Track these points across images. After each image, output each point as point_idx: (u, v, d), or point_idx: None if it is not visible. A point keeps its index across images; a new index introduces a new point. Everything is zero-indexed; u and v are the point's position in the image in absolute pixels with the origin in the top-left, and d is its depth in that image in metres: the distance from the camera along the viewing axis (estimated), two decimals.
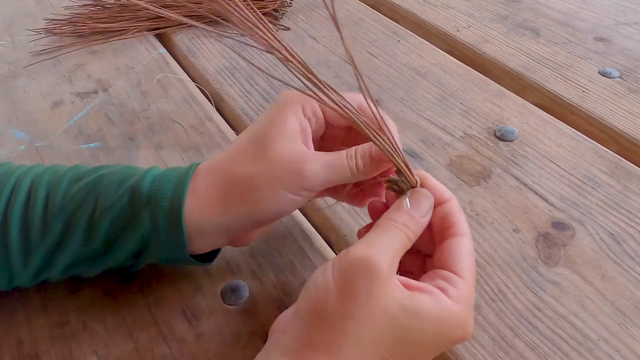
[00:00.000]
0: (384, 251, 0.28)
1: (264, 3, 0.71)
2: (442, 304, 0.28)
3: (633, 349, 0.35)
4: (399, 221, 0.30)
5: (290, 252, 0.42)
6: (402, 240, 0.29)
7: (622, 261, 0.40)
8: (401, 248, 0.29)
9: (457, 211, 0.32)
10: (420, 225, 0.31)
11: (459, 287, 0.29)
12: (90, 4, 0.74)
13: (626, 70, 0.58)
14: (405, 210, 0.31)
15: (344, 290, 0.27)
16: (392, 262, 0.28)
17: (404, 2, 0.74)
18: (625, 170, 0.47)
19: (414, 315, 0.27)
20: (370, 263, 0.27)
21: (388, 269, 0.28)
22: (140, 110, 0.57)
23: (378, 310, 0.27)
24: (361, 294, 0.27)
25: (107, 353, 0.36)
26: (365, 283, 0.27)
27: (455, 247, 0.30)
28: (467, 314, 0.29)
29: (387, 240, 0.29)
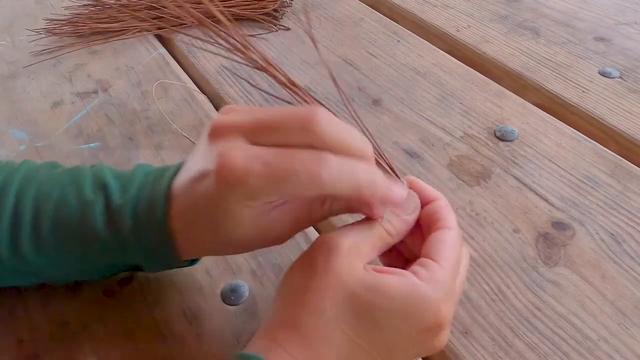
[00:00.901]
0: (350, 234, 0.29)
1: (264, 3, 0.71)
2: (409, 282, 0.28)
3: (633, 349, 0.35)
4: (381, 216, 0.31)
5: (290, 252, 0.42)
6: (378, 232, 0.30)
7: (622, 261, 0.40)
8: (377, 239, 0.30)
9: (444, 208, 0.32)
10: (404, 222, 0.31)
11: (432, 270, 0.29)
12: (90, 4, 0.74)
13: (626, 70, 0.58)
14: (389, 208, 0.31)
15: (305, 266, 0.29)
16: (357, 244, 0.29)
17: (404, 2, 0.74)
18: (625, 170, 0.47)
19: (376, 292, 0.28)
20: (329, 241, 0.29)
21: (349, 249, 0.28)
22: (140, 110, 0.57)
23: (336, 284, 0.27)
24: (319, 268, 0.28)
25: (107, 353, 0.36)
26: (323, 259, 0.28)
27: (437, 237, 0.31)
28: (439, 298, 0.28)
29: (357, 228, 0.30)
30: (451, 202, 0.45)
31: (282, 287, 0.30)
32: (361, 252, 0.29)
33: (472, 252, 0.41)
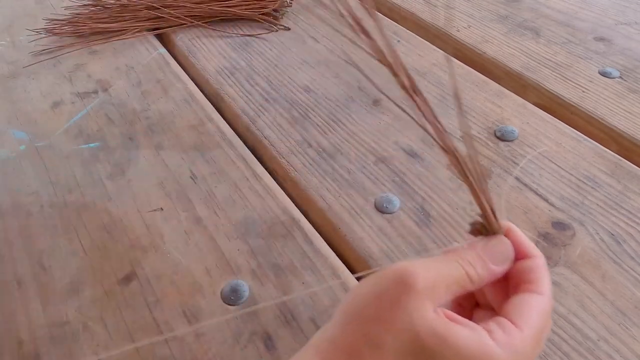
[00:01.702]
0: (428, 271, 0.26)
1: (264, 3, 0.71)
2: (481, 341, 0.25)
3: (633, 349, 0.35)
4: (464, 257, 0.28)
5: (290, 252, 0.42)
6: (458, 274, 0.27)
7: (622, 261, 0.40)
8: (455, 282, 0.27)
9: (541, 270, 0.29)
10: (489, 271, 0.28)
11: (510, 334, 0.26)
12: (90, 4, 0.74)
13: (626, 70, 0.58)
14: (476, 250, 0.28)
15: (376, 294, 0.26)
16: (434, 285, 0.26)
17: (404, 2, 0.74)
18: (625, 170, 0.47)
19: (443, 342, 0.25)
20: (405, 274, 0.26)
21: (424, 288, 0.26)
22: (140, 110, 0.57)
23: (403, 322, 0.25)
24: (389, 301, 0.26)
25: (107, 353, 0.36)
26: (396, 292, 0.26)
27: (525, 301, 0.27)
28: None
29: (440, 267, 0.27)
30: (451, 202, 0.45)
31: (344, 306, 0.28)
32: (436, 293, 0.26)
33: None
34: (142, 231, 0.45)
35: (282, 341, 0.36)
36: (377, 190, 0.47)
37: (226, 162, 0.51)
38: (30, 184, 0.50)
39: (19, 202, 0.48)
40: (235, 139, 0.54)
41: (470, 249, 0.28)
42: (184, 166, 0.50)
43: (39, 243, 0.44)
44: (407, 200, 0.46)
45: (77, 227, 0.45)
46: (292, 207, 0.46)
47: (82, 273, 0.42)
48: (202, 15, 0.71)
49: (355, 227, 0.44)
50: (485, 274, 0.28)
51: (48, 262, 0.43)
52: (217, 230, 0.44)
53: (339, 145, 0.51)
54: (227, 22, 0.71)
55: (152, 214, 0.46)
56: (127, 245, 0.44)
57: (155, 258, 0.42)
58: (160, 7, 0.70)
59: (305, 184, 0.48)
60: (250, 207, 0.46)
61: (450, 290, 0.27)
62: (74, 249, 0.43)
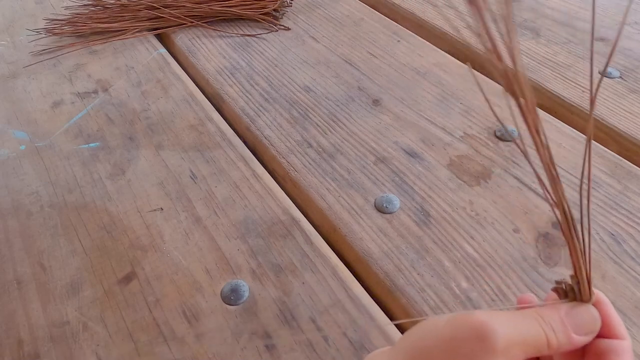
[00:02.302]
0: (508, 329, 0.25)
1: (264, 3, 0.71)
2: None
3: (633, 349, 0.35)
4: (546, 319, 0.26)
5: (290, 252, 0.42)
6: (537, 335, 0.25)
7: (622, 261, 0.40)
8: (531, 343, 0.25)
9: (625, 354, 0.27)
10: (569, 339, 0.26)
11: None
12: (90, 4, 0.74)
13: (626, 70, 0.58)
14: (559, 313, 0.26)
15: (449, 344, 0.25)
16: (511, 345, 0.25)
17: (404, 2, 0.74)
18: (625, 170, 0.47)
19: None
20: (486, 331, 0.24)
21: (503, 347, 0.24)
22: (140, 110, 0.58)
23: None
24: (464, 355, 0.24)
25: (107, 353, 0.36)
26: (473, 348, 0.24)
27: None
28: None
29: (519, 324, 0.25)
30: (451, 202, 0.45)
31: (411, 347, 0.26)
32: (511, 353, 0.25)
33: (473, 252, 0.41)
34: (142, 231, 0.45)
35: (282, 341, 0.36)
36: (377, 190, 0.47)
37: (226, 162, 0.51)
38: (30, 184, 0.50)
39: (19, 202, 0.48)
40: (235, 139, 0.54)
41: (553, 311, 0.27)
42: (183, 166, 0.50)
43: (39, 243, 0.44)
44: (407, 200, 0.46)
45: (77, 227, 0.45)
46: (292, 207, 0.46)
47: (82, 273, 0.42)
48: (202, 15, 0.71)
49: (355, 227, 0.44)
50: (565, 342, 0.26)
51: (48, 262, 0.43)
52: (217, 230, 0.44)
53: (339, 145, 0.51)
54: (227, 22, 0.71)
55: (152, 214, 0.46)
56: (127, 245, 0.44)
57: (155, 258, 0.42)
58: (160, 7, 0.70)
59: (305, 184, 0.48)
60: (250, 207, 0.46)
61: (525, 351, 0.25)
62: (74, 249, 0.43)
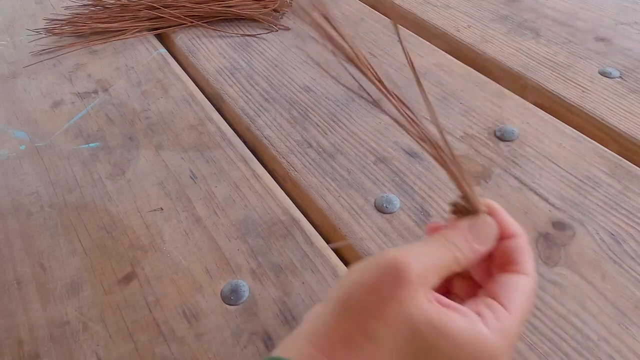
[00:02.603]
0: (419, 259, 0.27)
1: (264, 3, 0.71)
2: (475, 329, 0.26)
3: (633, 349, 0.35)
4: (450, 240, 0.28)
5: (290, 252, 0.42)
6: (447, 259, 0.28)
7: (622, 261, 0.40)
8: (443, 266, 0.28)
9: (524, 249, 0.29)
10: (475, 252, 0.29)
11: (500, 319, 0.27)
12: (90, 4, 0.74)
13: (626, 70, 0.58)
14: (461, 231, 0.29)
15: (370, 286, 0.26)
16: (426, 273, 0.26)
17: (404, 2, 0.74)
18: (625, 170, 0.47)
19: (441, 334, 0.25)
20: (400, 266, 0.26)
21: (418, 278, 0.26)
22: (140, 110, 0.58)
23: (400, 314, 0.25)
24: (385, 294, 0.26)
25: (107, 353, 0.36)
26: (391, 283, 0.26)
27: (511, 282, 0.28)
28: (499, 350, 0.26)
29: (428, 252, 0.28)
30: None
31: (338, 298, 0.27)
32: (428, 280, 0.27)
33: None
34: (142, 231, 0.45)
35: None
36: (377, 190, 0.47)
37: (226, 162, 0.51)
38: (30, 184, 0.50)
39: (19, 202, 0.48)
40: (235, 139, 0.54)
41: (455, 230, 0.29)
42: (183, 166, 0.50)
43: (39, 243, 0.44)
44: (407, 200, 0.46)
45: (77, 227, 0.45)
46: (292, 207, 0.46)
47: (82, 273, 0.42)
48: (202, 15, 0.71)
49: (355, 227, 0.44)
50: (472, 255, 0.29)
51: (48, 262, 0.43)
52: (217, 230, 0.44)
53: (339, 145, 0.51)
54: (227, 22, 0.71)
55: (152, 214, 0.46)
56: (127, 245, 0.44)
57: (155, 258, 0.42)
58: (160, 7, 0.70)
59: (305, 184, 0.48)
60: (250, 207, 0.46)
61: (439, 274, 0.28)
62: (74, 249, 0.43)
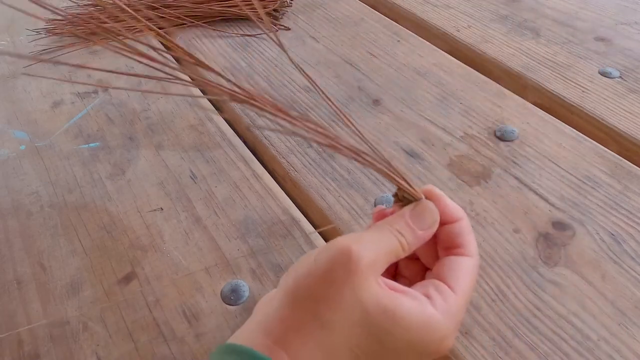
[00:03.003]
0: (369, 247, 0.28)
1: (264, 3, 0.71)
2: (424, 311, 0.27)
3: (633, 349, 0.35)
4: (395, 227, 0.30)
5: (290, 252, 0.42)
6: (393, 245, 0.29)
7: (622, 261, 0.40)
8: (390, 252, 0.29)
9: (467, 232, 0.31)
10: (418, 237, 0.30)
11: (448, 300, 0.28)
12: (90, 4, 0.74)
13: (626, 70, 0.58)
14: (404, 218, 0.30)
15: (323, 275, 0.27)
16: (375, 260, 0.28)
17: (404, 2, 0.74)
18: (625, 170, 0.47)
19: (392, 318, 0.27)
20: (351, 254, 0.27)
21: (368, 265, 0.27)
22: (140, 110, 0.57)
23: (352, 300, 0.26)
24: (336, 281, 0.27)
25: (107, 353, 0.36)
26: (343, 272, 0.27)
27: (456, 264, 0.30)
28: (448, 330, 0.28)
29: (376, 239, 0.29)
30: None
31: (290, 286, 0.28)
32: (377, 266, 0.28)
33: None
34: (142, 231, 0.45)
35: None
36: (377, 190, 0.47)
37: (226, 162, 0.51)
38: (30, 184, 0.50)
39: (19, 202, 0.48)
40: (235, 139, 0.54)
41: (399, 217, 0.30)
42: (184, 166, 0.50)
43: (39, 243, 0.44)
44: None
45: (77, 227, 0.45)
46: (292, 207, 0.46)
47: (82, 273, 0.42)
48: (202, 15, 0.71)
49: (355, 227, 0.44)
50: (414, 241, 0.30)
51: (48, 262, 0.43)
52: (217, 230, 0.44)
53: None
54: (227, 22, 0.71)
55: (152, 214, 0.46)
56: (127, 245, 0.44)
57: (155, 258, 0.42)
58: (160, 7, 0.70)
59: (305, 184, 0.48)
60: (250, 207, 0.46)
61: (387, 260, 0.29)
62: (74, 249, 0.43)
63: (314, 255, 0.28)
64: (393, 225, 0.30)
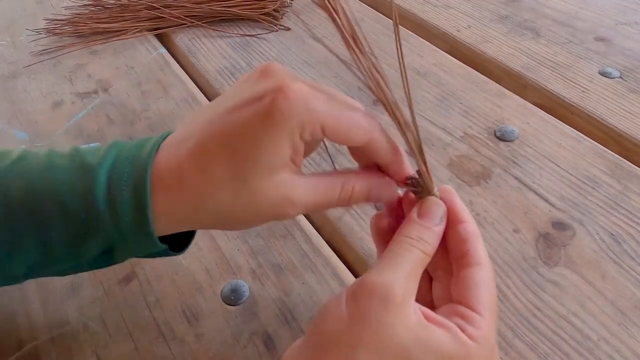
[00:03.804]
0: (398, 274, 0.26)
1: (264, 3, 0.71)
2: (460, 341, 0.26)
3: (633, 349, 0.35)
4: (413, 235, 0.28)
5: (290, 252, 0.42)
6: (418, 258, 0.28)
7: (622, 261, 0.40)
8: (418, 266, 0.28)
9: (473, 237, 0.30)
10: (435, 234, 0.29)
11: (478, 326, 0.27)
12: (90, 4, 0.74)
13: (626, 70, 0.58)
14: (415, 222, 0.29)
15: (355, 317, 0.26)
16: (407, 284, 0.26)
17: (404, 2, 0.74)
18: (625, 170, 0.47)
19: (428, 350, 0.25)
20: (382, 288, 0.26)
21: (402, 295, 0.26)
22: (140, 111, 0.57)
23: (389, 339, 0.25)
24: (372, 321, 0.25)
25: (107, 353, 0.36)
26: (378, 310, 0.25)
27: (471, 279, 0.28)
28: (486, 355, 0.27)
29: (401, 261, 0.27)
30: None
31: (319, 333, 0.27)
32: (411, 290, 0.27)
33: None
34: None
35: (282, 341, 0.36)
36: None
37: None
38: None
39: None
40: None
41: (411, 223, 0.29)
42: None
43: None
44: None
45: None
46: None
47: (82, 273, 0.42)
48: (202, 15, 0.71)
49: (356, 228, 0.44)
50: (434, 239, 0.29)
51: None
52: (217, 230, 0.44)
53: (339, 145, 0.51)
54: (227, 22, 0.71)
55: None
56: None
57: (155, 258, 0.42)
58: (160, 7, 0.70)
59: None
60: None
61: (417, 277, 0.28)
62: None
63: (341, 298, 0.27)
64: (408, 235, 0.28)
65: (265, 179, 0.28)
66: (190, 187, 0.28)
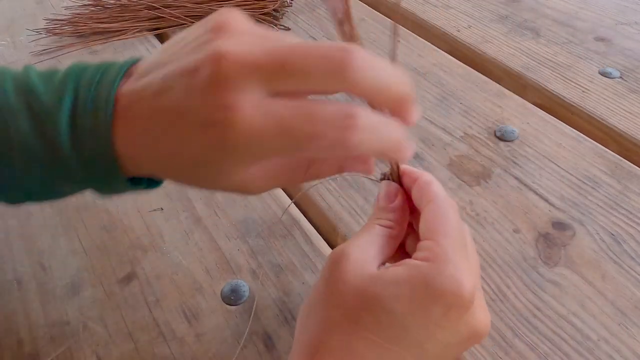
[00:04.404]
0: (354, 241, 0.29)
1: (264, 3, 0.71)
2: (410, 265, 0.27)
3: (633, 349, 0.35)
4: (373, 216, 0.31)
5: (290, 252, 0.42)
6: (376, 230, 0.30)
7: (622, 261, 0.40)
8: (377, 237, 0.30)
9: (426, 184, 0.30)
10: (393, 210, 0.31)
11: (430, 249, 0.27)
12: (90, 4, 0.74)
13: (626, 70, 0.58)
14: (376, 206, 0.32)
15: (318, 285, 0.29)
16: (362, 248, 0.29)
17: (404, 2, 0.74)
18: (625, 170, 0.47)
19: (381, 282, 0.26)
20: (339, 252, 0.28)
21: (356, 256, 0.28)
22: None
23: (346, 291, 0.27)
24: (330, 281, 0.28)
25: (107, 353, 0.36)
26: (333, 270, 0.28)
27: (426, 216, 0.29)
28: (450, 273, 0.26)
29: (360, 235, 0.30)
30: None
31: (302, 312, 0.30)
32: (370, 255, 0.28)
33: None
34: (142, 231, 0.45)
35: (282, 341, 0.36)
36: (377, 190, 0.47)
37: None
38: None
39: None
40: None
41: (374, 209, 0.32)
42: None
43: (39, 243, 0.44)
44: None
45: (77, 227, 0.45)
46: (292, 207, 0.46)
47: (82, 273, 0.42)
48: (202, 15, 0.71)
49: (356, 227, 0.44)
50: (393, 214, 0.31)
51: (48, 262, 0.43)
52: (217, 230, 0.44)
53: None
54: None
55: (152, 214, 0.46)
56: (127, 245, 0.44)
57: (155, 258, 0.42)
58: (161, 7, 0.70)
59: (305, 184, 0.48)
60: (250, 207, 0.46)
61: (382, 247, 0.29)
62: (74, 249, 0.43)
63: None
64: (372, 216, 0.32)
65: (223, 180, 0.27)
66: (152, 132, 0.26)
